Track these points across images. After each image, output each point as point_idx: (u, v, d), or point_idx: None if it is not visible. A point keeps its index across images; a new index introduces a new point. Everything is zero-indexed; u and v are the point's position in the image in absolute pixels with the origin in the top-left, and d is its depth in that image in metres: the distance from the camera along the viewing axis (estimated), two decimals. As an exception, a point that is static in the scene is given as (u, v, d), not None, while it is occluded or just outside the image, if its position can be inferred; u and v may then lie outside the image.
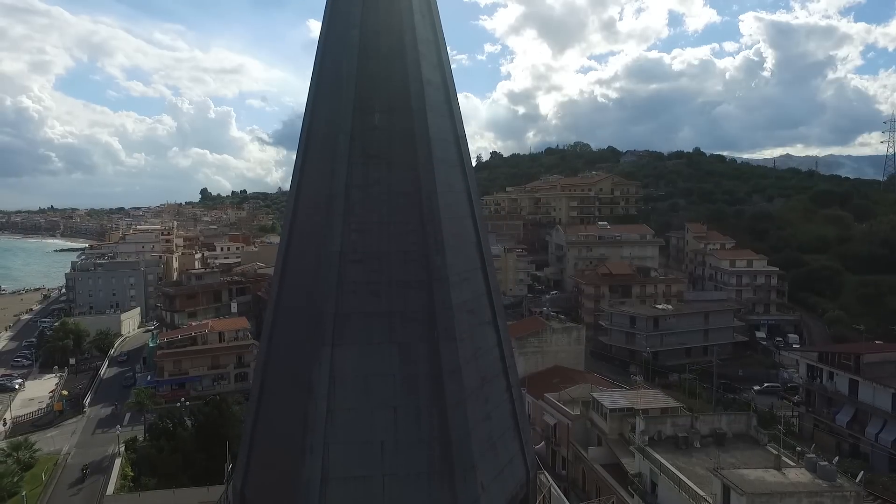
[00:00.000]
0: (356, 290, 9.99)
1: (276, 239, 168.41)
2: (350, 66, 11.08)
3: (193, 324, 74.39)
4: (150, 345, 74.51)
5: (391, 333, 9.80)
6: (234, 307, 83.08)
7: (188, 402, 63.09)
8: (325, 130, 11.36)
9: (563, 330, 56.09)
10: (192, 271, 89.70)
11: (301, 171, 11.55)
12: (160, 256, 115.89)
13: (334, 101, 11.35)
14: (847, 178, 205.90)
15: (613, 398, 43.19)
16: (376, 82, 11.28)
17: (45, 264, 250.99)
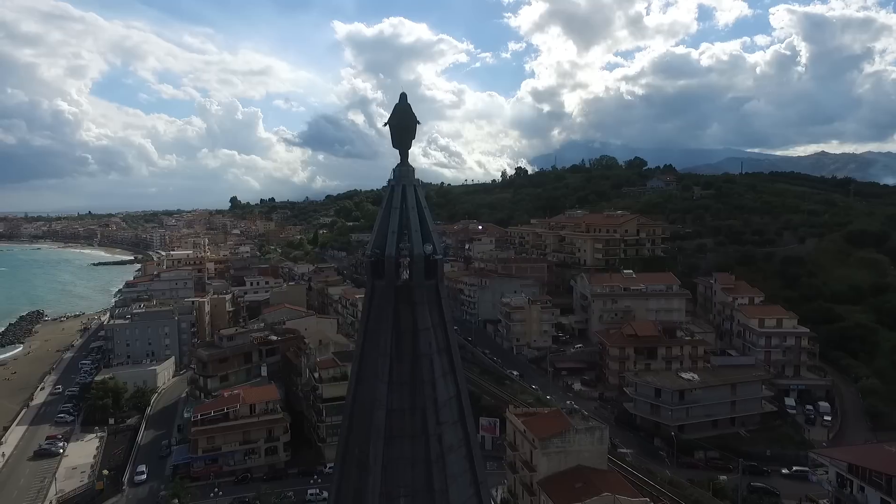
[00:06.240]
0: None
1: (304, 268, 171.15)
2: (377, 448, 12.17)
3: (226, 393, 76.76)
4: (186, 415, 77.36)
5: None
6: (263, 370, 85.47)
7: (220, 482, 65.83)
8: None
9: (587, 430, 56.29)
10: (224, 331, 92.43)
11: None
12: (193, 303, 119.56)
13: (364, 483, 12.46)
14: (885, 186, 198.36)
15: (636, 526, 43.53)
16: (401, 465, 12.34)
17: (84, 281, 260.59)
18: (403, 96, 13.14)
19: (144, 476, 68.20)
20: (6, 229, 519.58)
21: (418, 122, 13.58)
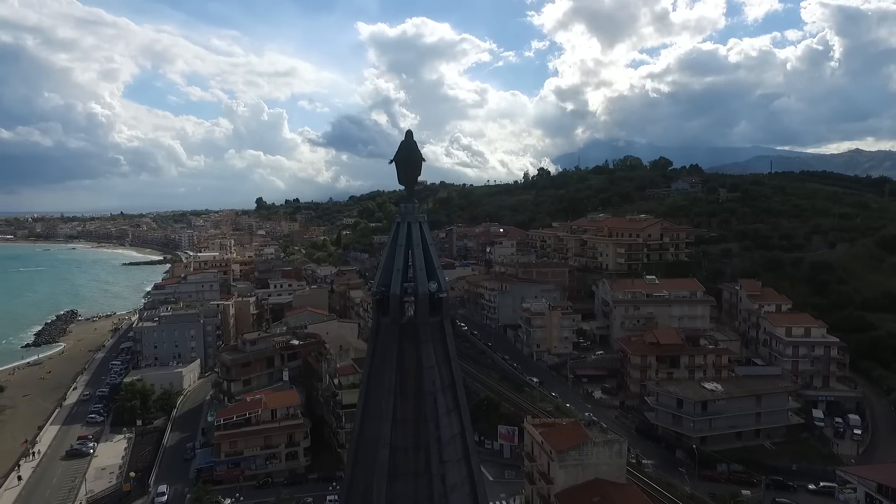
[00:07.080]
0: None
1: (327, 270, 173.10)
2: (381, 486, 12.41)
3: (248, 397, 78.18)
4: (210, 418, 79.04)
5: None
6: (285, 375, 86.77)
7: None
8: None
9: (605, 443, 55.79)
10: (247, 336, 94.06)
11: None
12: (218, 306, 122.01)
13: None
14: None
15: (653, 545, 43.02)
16: (404, 503, 12.56)
17: (119, 280, 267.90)
18: (409, 133, 13.31)
19: (165, 498, 66.23)
20: (44, 229, 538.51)
21: (423, 160, 13.74)
